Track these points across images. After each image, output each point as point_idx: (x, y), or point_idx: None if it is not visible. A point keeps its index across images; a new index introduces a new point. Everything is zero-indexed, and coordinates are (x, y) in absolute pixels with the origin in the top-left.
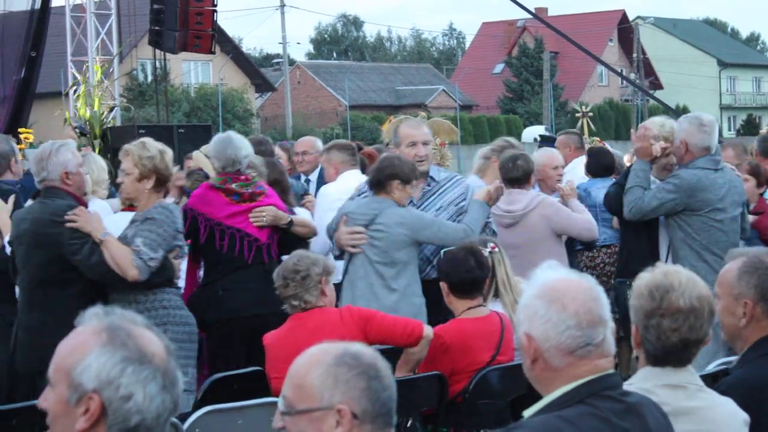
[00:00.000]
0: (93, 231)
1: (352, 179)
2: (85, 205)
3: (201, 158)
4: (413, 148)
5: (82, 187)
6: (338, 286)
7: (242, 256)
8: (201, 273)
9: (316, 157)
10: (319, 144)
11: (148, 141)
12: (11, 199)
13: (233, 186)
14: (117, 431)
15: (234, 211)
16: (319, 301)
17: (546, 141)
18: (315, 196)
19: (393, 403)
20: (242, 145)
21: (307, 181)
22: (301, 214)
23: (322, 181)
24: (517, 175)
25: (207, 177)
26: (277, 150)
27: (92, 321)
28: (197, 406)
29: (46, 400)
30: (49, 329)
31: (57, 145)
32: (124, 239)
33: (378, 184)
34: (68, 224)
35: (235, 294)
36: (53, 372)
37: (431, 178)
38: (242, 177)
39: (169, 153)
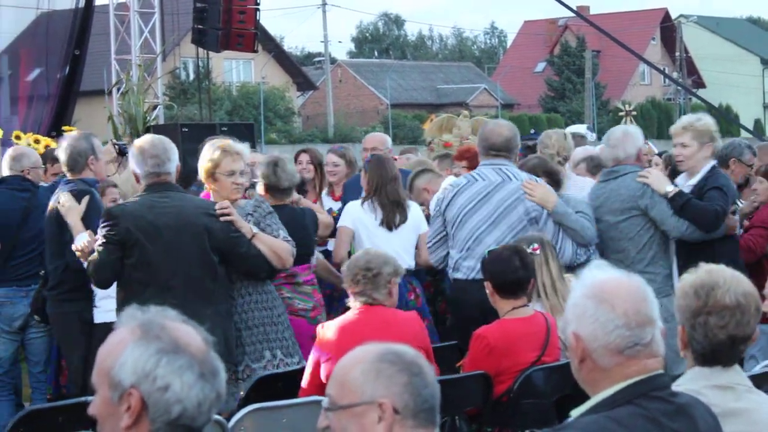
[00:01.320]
0: (244, 226)
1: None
2: None
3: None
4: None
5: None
6: None
7: None
8: None
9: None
10: (388, 141)
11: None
12: (85, 200)
13: None
14: (161, 424)
15: None
16: (386, 300)
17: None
18: None
19: (436, 401)
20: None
21: None
22: None
23: None
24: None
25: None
26: (332, 157)
27: (128, 321)
28: (242, 404)
29: (93, 406)
30: (215, 319)
31: (169, 143)
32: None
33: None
34: (224, 218)
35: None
36: (95, 376)
37: None
38: None
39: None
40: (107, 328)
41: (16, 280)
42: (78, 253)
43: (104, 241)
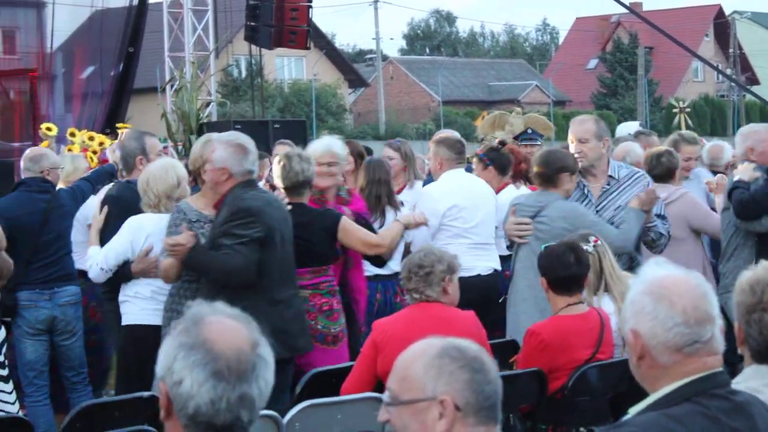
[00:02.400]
0: None
1: (455, 179)
2: None
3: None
4: (571, 146)
5: None
6: None
7: None
8: None
9: None
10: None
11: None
12: (104, 210)
13: None
14: (185, 419)
15: None
16: (441, 297)
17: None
18: None
19: (498, 397)
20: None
21: None
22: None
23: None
24: (658, 172)
25: None
26: (388, 151)
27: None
28: (296, 400)
29: None
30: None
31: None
32: None
33: (548, 178)
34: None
35: None
36: None
37: (610, 176)
38: None
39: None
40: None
41: (39, 283)
42: (174, 250)
43: (247, 239)
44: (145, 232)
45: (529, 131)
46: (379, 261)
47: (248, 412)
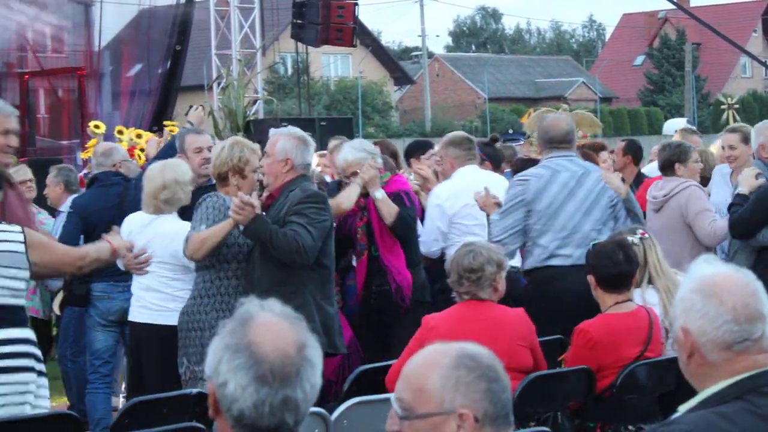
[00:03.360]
0: None
1: (466, 176)
2: None
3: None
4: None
5: None
6: None
7: None
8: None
9: None
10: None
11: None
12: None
13: None
14: (231, 420)
15: None
16: (492, 295)
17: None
18: None
19: (510, 403)
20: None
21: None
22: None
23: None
24: (660, 165)
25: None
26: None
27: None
28: (344, 398)
29: None
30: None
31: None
32: None
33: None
34: None
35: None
36: None
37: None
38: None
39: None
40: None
41: (114, 275)
42: (242, 210)
43: (318, 224)
44: (128, 230)
45: (510, 131)
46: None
47: (293, 415)
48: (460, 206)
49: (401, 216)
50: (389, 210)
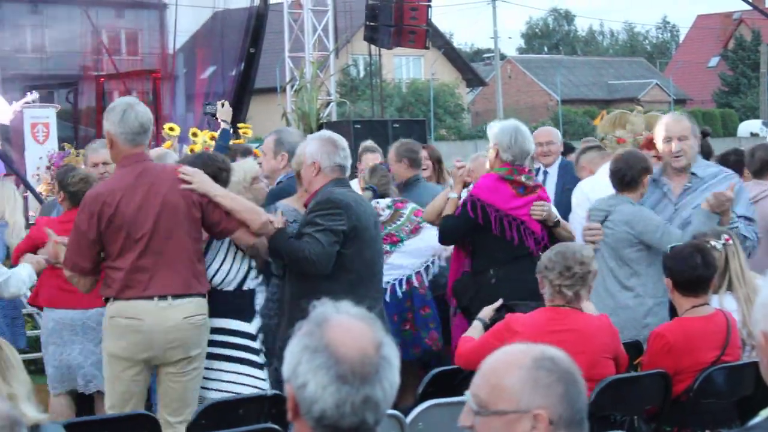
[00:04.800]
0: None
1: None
2: None
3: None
4: (668, 144)
5: None
6: None
7: (526, 247)
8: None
9: (559, 147)
10: (559, 135)
11: None
12: None
13: (521, 178)
14: (311, 422)
15: (518, 204)
16: (581, 301)
17: None
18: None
19: (586, 409)
20: (530, 138)
21: (545, 173)
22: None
23: (563, 173)
24: (753, 168)
25: (389, 169)
26: None
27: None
28: (419, 400)
29: None
30: None
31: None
32: None
33: (630, 180)
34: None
35: (508, 284)
36: None
37: (693, 174)
38: (526, 169)
39: None
40: None
41: None
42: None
43: (326, 228)
44: None
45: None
46: None
47: (373, 414)
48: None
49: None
50: None
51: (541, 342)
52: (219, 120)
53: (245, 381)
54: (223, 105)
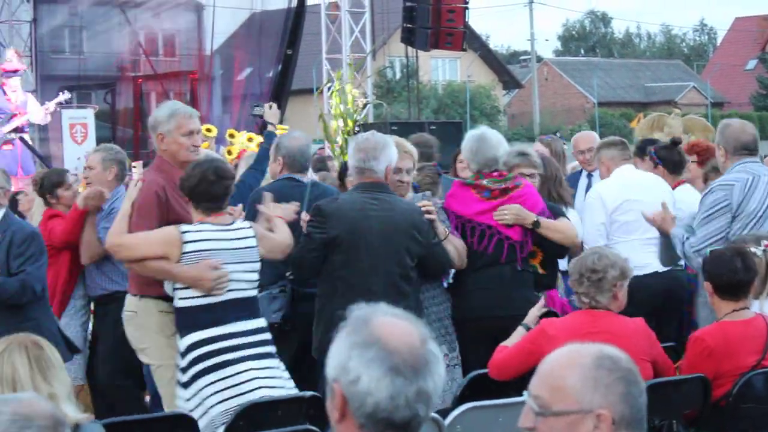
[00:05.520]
0: (439, 226)
1: (625, 174)
2: None
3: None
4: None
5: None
6: None
7: (495, 254)
8: None
9: None
10: (598, 139)
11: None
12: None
13: (484, 182)
14: (363, 418)
15: (483, 208)
16: (611, 304)
17: None
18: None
19: (645, 409)
20: (497, 144)
21: (590, 176)
22: (571, 215)
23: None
24: None
25: (438, 172)
26: (538, 146)
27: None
28: (457, 402)
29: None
30: None
31: (386, 141)
32: None
33: None
34: (428, 217)
35: (483, 293)
36: None
37: None
38: (495, 173)
39: None
40: None
41: None
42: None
43: (309, 237)
44: None
45: (557, 134)
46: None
47: (425, 407)
48: (620, 202)
49: None
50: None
51: (574, 338)
52: (268, 122)
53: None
54: (270, 107)
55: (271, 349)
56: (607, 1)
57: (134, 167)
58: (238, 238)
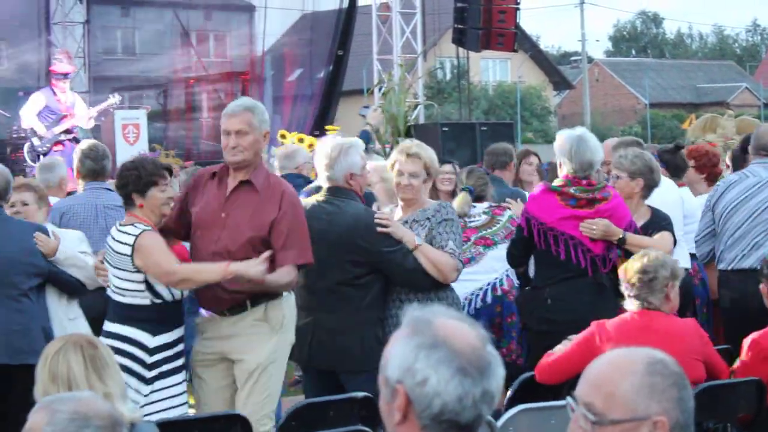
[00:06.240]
0: (405, 237)
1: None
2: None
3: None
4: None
5: (363, 189)
6: None
7: (578, 265)
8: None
9: None
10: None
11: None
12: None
13: (571, 190)
14: (427, 420)
15: (565, 215)
16: (663, 305)
17: None
18: None
19: (693, 412)
20: (595, 147)
21: None
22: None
23: None
24: None
25: (487, 172)
26: None
27: (408, 319)
28: (509, 405)
29: (380, 405)
30: (349, 330)
31: (347, 146)
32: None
33: None
34: (380, 229)
35: (562, 305)
36: (379, 376)
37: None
38: (584, 182)
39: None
40: None
41: None
42: None
43: None
44: None
45: None
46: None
47: (488, 407)
48: None
49: None
50: None
51: (627, 343)
52: (366, 123)
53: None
54: (375, 110)
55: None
56: (659, 1)
57: (184, 168)
58: None
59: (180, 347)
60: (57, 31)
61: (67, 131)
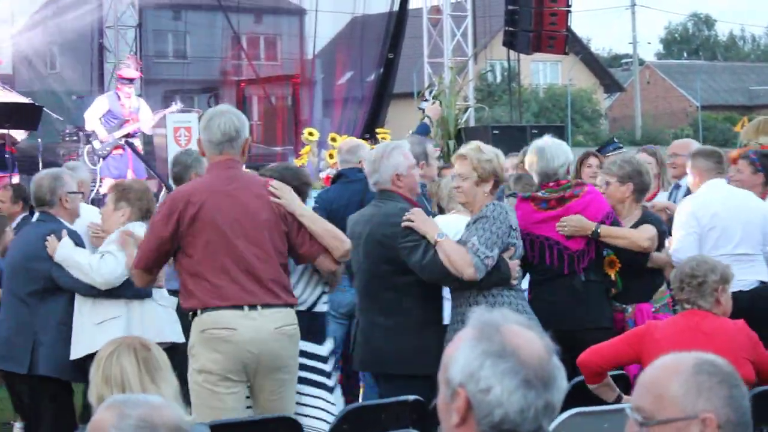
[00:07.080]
0: (428, 232)
1: (716, 188)
2: (418, 206)
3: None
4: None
5: (414, 189)
6: None
7: (558, 266)
8: None
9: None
10: (690, 146)
11: (482, 144)
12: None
13: (539, 193)
14: (486, 426)
15: (539, 219)
16: (714, 308)
17: None
18: (676, 202)
19: (750, 412)
20: (556, 153)
21: (677, 186)
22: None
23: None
24: None
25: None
26: (643, 155)
27: (474, 320)
28: (561, 408)
29: (438, 403)
30: (390, 332)
31: (390, 148)
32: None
33: None
34: (404, 224)
35: (540, 305)
36: (440, 373)
37: None
38: (552, 183)
39: (503, 156)
40: None
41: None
42: None
43: None
44: None
45: (615, 140)
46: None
47: (549, 420)
48: (709, 217)
49: None
50: None
51: (679, 344)
52: (425, 116)
53: (319, 404)
54: (433, 103)
55: None
56: (711, 3)
57: None
58: None
59: None
60: (110, 34)
61: (128, 135)
